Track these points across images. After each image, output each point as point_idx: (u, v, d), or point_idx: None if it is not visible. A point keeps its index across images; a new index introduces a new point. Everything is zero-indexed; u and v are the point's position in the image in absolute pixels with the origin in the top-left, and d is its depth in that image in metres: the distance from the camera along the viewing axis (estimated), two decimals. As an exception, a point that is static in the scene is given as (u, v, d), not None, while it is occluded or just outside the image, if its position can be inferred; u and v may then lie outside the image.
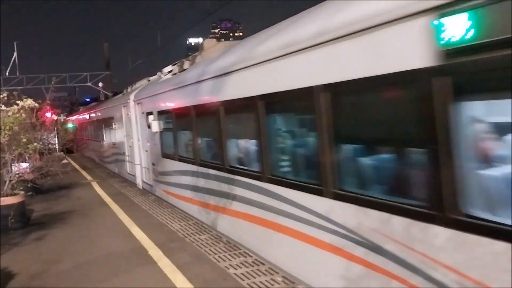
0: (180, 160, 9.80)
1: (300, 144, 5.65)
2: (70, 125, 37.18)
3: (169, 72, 11.88)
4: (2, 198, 9.40)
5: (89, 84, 36.98)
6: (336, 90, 4.27)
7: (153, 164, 12.09)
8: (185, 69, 10.10)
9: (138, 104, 13.24)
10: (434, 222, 3.22)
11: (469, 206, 3.02)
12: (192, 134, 8.95)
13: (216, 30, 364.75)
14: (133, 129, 13.91)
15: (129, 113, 14.22)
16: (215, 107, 7.37)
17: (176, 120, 9.96)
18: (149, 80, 14.81)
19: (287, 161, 5.85)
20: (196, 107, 8.47)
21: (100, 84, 37.54)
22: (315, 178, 4.75)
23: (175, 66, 11.36)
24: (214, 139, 7.97)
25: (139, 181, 14.09)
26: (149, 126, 11.47)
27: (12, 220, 9.26)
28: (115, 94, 28.82)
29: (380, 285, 3.76)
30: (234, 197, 7.05)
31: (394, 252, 3.61)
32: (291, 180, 5.40)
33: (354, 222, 4.11)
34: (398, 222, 3.56)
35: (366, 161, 4.34)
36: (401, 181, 3.99)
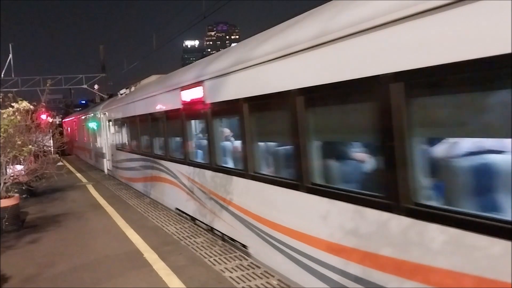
0: None
1: None
2: (92, 124, 22.38)
3: None
4: (-4, 201, 9.35)
5: (85, 86, 36.81)
6: None
7: None
8: None
9: None
10: None
11: None
12: None
13: (212, 33, 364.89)
14: None
15: None
16: None
17: None
18: None
19: None
20: None
21: (96, 86, 37.42)
22: None
23: None
24: None
25: None
26: None
27: (6, 223, 9.25)
28: (110, 96, 28.55)
29: None
30: None
31: None
32: None
33: None
34: None
35: None
36: None
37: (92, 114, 22.70)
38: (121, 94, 17.15)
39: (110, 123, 17.37)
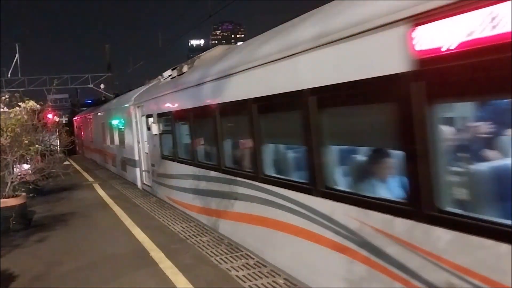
0: None
1: None
2: (116, 121, 17.65)
3: None
4: (3, 200, 9.41)
5: (91, 85, 36.97)
6: None
7: None
8: None
9: None
10: None
11: None
12: None
13: (218, 32, 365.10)
14: None
15: None
16: None
17: None
18: None
19: None
20: None
21: (102, 86, 37.58)
22: None
23: None
24: None
25: None
26: None
27: (14, 222, 9.30)
28: (117, 95, 28.65)
29: None
30: None
31: None
32: None
33: None
34: None
35: None
36: None
37: (116, 109, 17.81)
38: (164, 79, 12.21)
39: (150, 119, 12.12)
